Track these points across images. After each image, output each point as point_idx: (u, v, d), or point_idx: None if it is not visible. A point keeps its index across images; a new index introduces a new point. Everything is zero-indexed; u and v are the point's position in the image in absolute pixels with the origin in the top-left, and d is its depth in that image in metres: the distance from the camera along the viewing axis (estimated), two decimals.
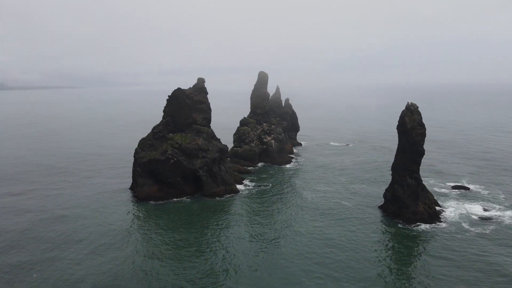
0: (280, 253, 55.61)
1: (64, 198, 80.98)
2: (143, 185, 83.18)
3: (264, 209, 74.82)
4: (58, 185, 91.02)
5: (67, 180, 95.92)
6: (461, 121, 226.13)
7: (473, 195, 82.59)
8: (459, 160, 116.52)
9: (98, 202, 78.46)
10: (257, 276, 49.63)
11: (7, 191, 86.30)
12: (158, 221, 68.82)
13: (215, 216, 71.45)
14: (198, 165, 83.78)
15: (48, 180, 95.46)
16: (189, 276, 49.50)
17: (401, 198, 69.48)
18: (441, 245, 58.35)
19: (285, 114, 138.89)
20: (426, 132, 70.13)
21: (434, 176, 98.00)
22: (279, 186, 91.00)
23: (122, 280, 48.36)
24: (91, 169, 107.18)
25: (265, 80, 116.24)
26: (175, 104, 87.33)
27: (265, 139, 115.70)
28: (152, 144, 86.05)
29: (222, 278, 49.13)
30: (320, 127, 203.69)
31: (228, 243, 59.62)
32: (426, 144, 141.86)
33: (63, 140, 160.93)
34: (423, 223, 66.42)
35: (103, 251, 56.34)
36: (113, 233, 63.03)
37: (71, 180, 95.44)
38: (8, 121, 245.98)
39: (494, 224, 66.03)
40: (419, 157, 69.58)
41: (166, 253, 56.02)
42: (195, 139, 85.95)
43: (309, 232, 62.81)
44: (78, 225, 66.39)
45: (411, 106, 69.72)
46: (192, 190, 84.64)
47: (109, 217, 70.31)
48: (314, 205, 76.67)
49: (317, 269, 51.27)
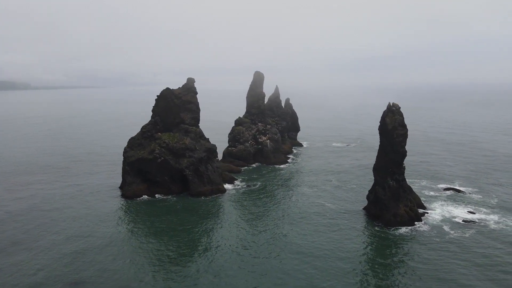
0: (252, 258, 55.02)
1: (52, 195, 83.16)
2: (131, 183, 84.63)
3: (245, 211, 74.92)
4: (50, 182, 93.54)
5: (62, 177, 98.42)
6: (469, 121, 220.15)
7: (464, 198, 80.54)
8: (459, 162, 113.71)
9: (84, 199, 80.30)
10: (226, 281, 49.81)
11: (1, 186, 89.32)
12: (138, 219, 69.91)
13: (194, 216, 72.00)
14: (185, 164, 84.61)
15: (42, 177, 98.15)
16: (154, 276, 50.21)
17: (382, 199, 68.46)
18: (415, 249, 57.27)
19: (285, 114, 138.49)
20: (408, 133, 68.91)
21: (428, 178, 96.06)
22: (267, 187, 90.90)
23: (84, 276, 49.42)
24: (88, 168, 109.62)
25: (260, 80, 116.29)
26: (163, 104, 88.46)
27: (260, 139, 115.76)
28: (141, 143, 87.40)
29: (192, 280, 49.62)
30: (324, 127, 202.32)
31: (203, 245, 60.06)
32: (427, 144, 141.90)
33: (70, 139, 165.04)
34: (403, 225, 65.23)
35: (76, 245, 57.66)
36: (90, 228, 64.42)
37: (65, 178, 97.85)
38: (24, 120, 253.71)
39: (476, 228, 64.30)
40: (400, 158, 68.38)
41: (136, 252, 56.96)
42: (183, 138, 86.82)
43: (283, 236, 62.05)
44: (57, 219, 68.29)
45: (393, 106, 68.60)
46: (179, 189, 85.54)
47: (91, 213, 71.83)
48: (297, 207, 76.12)
49: (282, 275, 50.92)
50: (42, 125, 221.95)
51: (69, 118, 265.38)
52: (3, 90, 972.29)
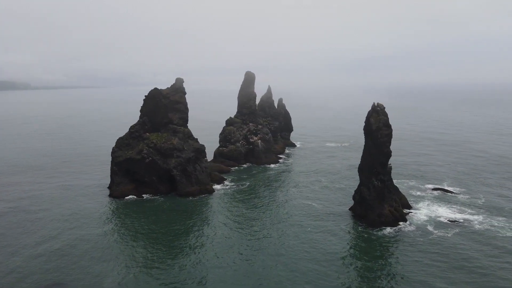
0: (235, 259, 54.68)
1: (40, 195, 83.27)
2: (119, 183, 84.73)
3: (232, 211, 74.88)
4: (40, 182, 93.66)
5: (52, 177, 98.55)
6: (466, 121, 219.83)
7: (451, 198, 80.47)
8: (450, 162, 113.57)
9: (72, 199, 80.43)
10: (209, 284, 49.82)
11: None
12: (124, 219, 69.98)
13: (180, 216, 72.04)
14: (173, 164, 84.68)
15: (31, 178, 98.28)
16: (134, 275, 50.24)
17: (367, 200, 68.43)
18: (396, 250, 57.32)
19: (277, 114, 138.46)
20: (393, 133, 68.84)
21: (417, 178, 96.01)
22: (256, 187, 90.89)
23: (64, 279, 49.46)
24: (80, 168, 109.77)
25: (251, 80, 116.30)
26: (151, 104, 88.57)
27: (251, 139, 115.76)
28: (129, 144, 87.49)
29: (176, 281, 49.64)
30: (320, 127, 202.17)
31: (187, 245, 60.09)
32: (420, 144, 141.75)
33: (65, 139, 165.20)
34: (387, 225, 65.20)
35: (58, 246, 57.74)
36: (74, 228, 64.48)
37: (56, 178, 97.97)
38: (20, 119, 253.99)
39: (459, 228, 64.26)
40: (385, 158, 68.32)
41: (117, 250, 57.01)
42: (171, 138, 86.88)
43: (267, 238, 61.65)
44: (41, 219, 68.49)
45: (377, 106, 68.55)
46: (167, 189, 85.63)
47: (77, 213, 71.93)
48: (283, 208, 76.08)
49: (262, 279, 50.88)
50: (38, 125, 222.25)
51: (66, 118, 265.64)
52: (3, 90, 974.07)
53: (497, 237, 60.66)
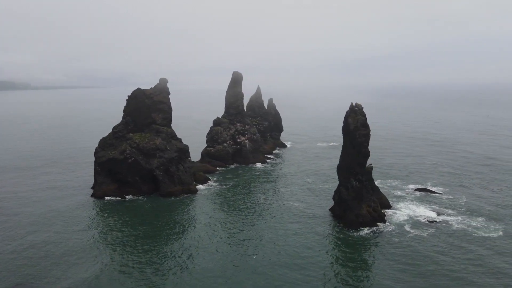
0: (208, 261, 54.17)
1: (23, 195, 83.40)
2: (102, 183, 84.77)
3: (211, 212, 74.75)
4: (24, 183, 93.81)
5: (37, 177, 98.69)
6: (460, 121, 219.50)
7: (433, 198, 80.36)
8: (437, 162, 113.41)
9: (55, 199, 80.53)
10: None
11: None
12: (104, 219, 70.03)
13: (160, 216, 72.04)
14: (155, 164, 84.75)
15: (16, 178, 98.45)
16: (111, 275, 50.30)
17: (346, 200, 68.41)
18: (370, 251, 57.29)
19: (267, 114, 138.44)
20: (370, 134, 68.82)
21: (402, 178, 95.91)
22: (240, 187, 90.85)
23: (31, 279, 49.55)
24: (67, 167, 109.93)
25: (239, 80, 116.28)
26: (134, 104, 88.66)
27: (239, 139, 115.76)
28: (112, 144, 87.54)
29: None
30: (313, 127, 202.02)
31: (162, 245, 60.08)
32: (409, 144, 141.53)
33: (55, 139, 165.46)
34: (365, 225, 65.11)
35: (35, 247, 57.82)
36: (52, 229, 64.56)
37: (41, 178, 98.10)
38: (13, 120, 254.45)
39: (437, 229, 64.16)
40: (363, 158, 68.29)
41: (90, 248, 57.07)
42: (154, 139, 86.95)
43: (242, 240, 61.04)
44: (19, 217, 68.69)
45: (355, 106, 68.52)
46: (150, 189, 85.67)
47: (58, 214, 71.98)
48: (263, 208, 75.65)
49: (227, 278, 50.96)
50: (31, 125, 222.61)
51: (63, 118, 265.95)
52: (2, 90, 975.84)
53: (473, 238, 60.47)
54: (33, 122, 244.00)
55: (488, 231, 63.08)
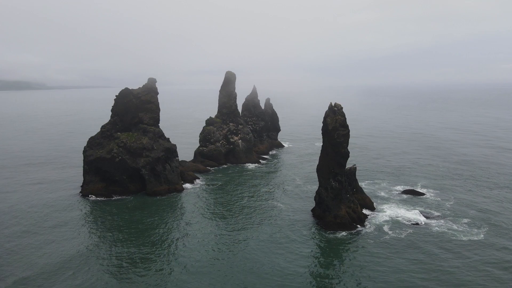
0: (181, 268, 54.04)
1: (11, 192, 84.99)
2: (89, 182, 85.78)
3: (195, 209, 74.95)
4: (16, 178, 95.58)
5: (28, 175, 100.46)
6: (465, 122, 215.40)
7: (420, 200, 79.09)
8: (431, 163, 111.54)
9: (43, 198, 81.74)
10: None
11: None
12: (88, 217, 70.78)
13: (141, 215, 72.45)
14: (141, 163, 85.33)
15: (8, 175, 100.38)
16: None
17: (325, 201, 67.83)
18: (345, 253, 56.70)
19: (263, 114, 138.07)
20: (350, 134, 68.01)
21: (391, 179, 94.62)
22: (227, 186, 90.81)
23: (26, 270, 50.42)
24: (61, 166, 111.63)
25: (232, 80, 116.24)
26: (121, 104, 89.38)
27: (232, 139, 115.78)
28: (100, 143, 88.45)
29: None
30: (312, 127, 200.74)
31: (139, 245, 60.47)
32: (407, 145, 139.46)
33: (58, 135, 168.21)
34: (343, 227, 64.38)
35: (16, 245, 58.89)
36: (35, 227, 65.60)
37: (32, 175, 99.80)
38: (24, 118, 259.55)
39: (416, 231, 63.09)
40: (342, 159, 67.50)
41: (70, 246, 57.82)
42: (141, 138, 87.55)
43: (217, 243, 61.32)
44: (4, 216, 69.87)
45: (334, 106, 67.77)
46: (137, 188, 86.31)
47: (45, 211, 73.16)
48: (246, 208, 75.65)
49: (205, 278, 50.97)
50: (33, 124, 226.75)
51: (65, 117, 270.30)
52: (18, 90, 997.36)
53: (451, 241, 59.28)
54: (37, 121, 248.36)
55: (469, 235, 61.76)
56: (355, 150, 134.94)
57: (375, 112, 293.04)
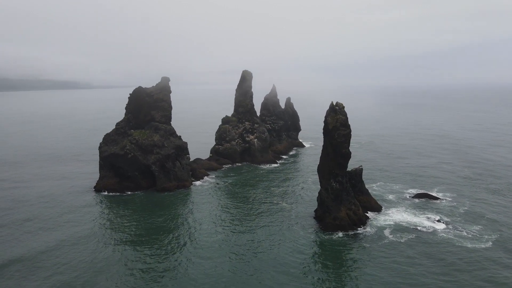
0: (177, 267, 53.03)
1: (34, 185, 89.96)
2: (103, 177, 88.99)
3: (198, 207, 75.45)
4: (40, 174, 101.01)
5: (55, 168, 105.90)
6: (502, 123, 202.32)
7: (432, 204, 75.28)
8: (457, 167, 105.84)
9: (54, 189, 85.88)
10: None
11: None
12: (94, 210, 73.55)
13: (149, 210, 74.10)
14: (152, 160, 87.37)
15: (35, 169, 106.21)
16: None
17: (325, 202, 66.24)
18: (335, 256, 55.13)
19: (282, 113, 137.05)
20: (351, 134, 65.97)
21: (407, 182, 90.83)
22: (237, 185, 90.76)
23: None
24: (82, 161, 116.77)
25: (248, 79, 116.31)
26: (135, 102, 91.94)
27: (247, 137, 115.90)
28: (115, 139, 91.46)
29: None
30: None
31: (130, 241, 61.96)
32: (437, 147, 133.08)
33: (87, 132, 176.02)
34: (342, 228, 62.63)
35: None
36: (45, 218, 69.07)
37: (57, 169, 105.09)
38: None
39: (418, 236, 60.13)
40: (343, 159, 65.60)
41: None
42: (152, 135, 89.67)
43: (214, 242, 60.92)
44: (19, 199, 74.23)
45: (336, 106, 65.94)
46: (148, 184, 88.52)
47: (59, 204, 76.86)
48: (249, 206, 75.39)
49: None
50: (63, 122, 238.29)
51: (103, 113, 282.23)
52: (66, 89, 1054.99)
53: (453, 248, 55.86)
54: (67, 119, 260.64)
55: (476, 242, 58.03)
56: (377, 151, 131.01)
57: (408, 113, 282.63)
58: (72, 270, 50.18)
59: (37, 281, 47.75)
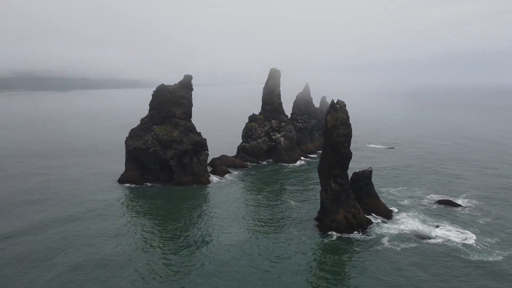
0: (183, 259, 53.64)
1: (65, 174, 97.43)
2: (127, 170, 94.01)
3: (205, 206, 75.52)
4: (76, 165, 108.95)
5: (88, 160, 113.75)
6: None
7: (450, 212, 69.54)
8: (494, 174, 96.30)
9: (82, 180, 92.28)
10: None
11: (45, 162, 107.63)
12: (108, 202, 78.04)
13: (156, 203, 76.78)
14: (170, 155, 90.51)
15: (69, 160, 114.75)
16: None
17: (325, 203, 64.11)
18: (322, 260, 53.23)
19: (315, 112, 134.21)
20: (352, 133, 62.96)
21: (432, 186, 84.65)
22: (254, 183, 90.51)
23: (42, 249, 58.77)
24: (111, 155, 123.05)
25: (275, 77, 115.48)
26: (157, 99, 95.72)
27: (274, 136, 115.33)
28: (139, 134, 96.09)
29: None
30: (378, 129, 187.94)
31: (134, 236, 64.50)
32: (478, 152, 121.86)
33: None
34: (339, 231, 60.33)
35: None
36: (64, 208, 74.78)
37: (90, 161, 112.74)
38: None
39: (419, 245, 55.92)
40: (343, 160, 62.85)
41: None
42: (172, 131, 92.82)
43: (215, 243, 60.48)
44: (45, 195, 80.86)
45: (336, 104, 63.26)
46: (167, 178, 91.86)
47: (78, 191, 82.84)
48: (260, 205, 74.77)
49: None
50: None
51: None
52: (133, 88, 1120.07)
53: (452, 262, 51.03)
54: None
55: (486, 255, 52.76)
56: (415, 154, 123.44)
57: (467, 115, 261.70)
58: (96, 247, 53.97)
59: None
